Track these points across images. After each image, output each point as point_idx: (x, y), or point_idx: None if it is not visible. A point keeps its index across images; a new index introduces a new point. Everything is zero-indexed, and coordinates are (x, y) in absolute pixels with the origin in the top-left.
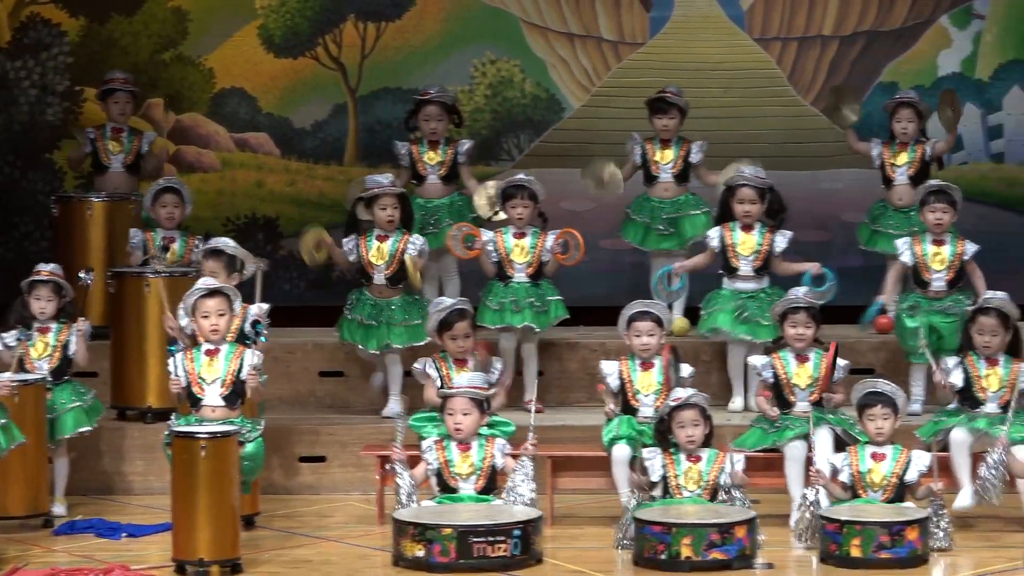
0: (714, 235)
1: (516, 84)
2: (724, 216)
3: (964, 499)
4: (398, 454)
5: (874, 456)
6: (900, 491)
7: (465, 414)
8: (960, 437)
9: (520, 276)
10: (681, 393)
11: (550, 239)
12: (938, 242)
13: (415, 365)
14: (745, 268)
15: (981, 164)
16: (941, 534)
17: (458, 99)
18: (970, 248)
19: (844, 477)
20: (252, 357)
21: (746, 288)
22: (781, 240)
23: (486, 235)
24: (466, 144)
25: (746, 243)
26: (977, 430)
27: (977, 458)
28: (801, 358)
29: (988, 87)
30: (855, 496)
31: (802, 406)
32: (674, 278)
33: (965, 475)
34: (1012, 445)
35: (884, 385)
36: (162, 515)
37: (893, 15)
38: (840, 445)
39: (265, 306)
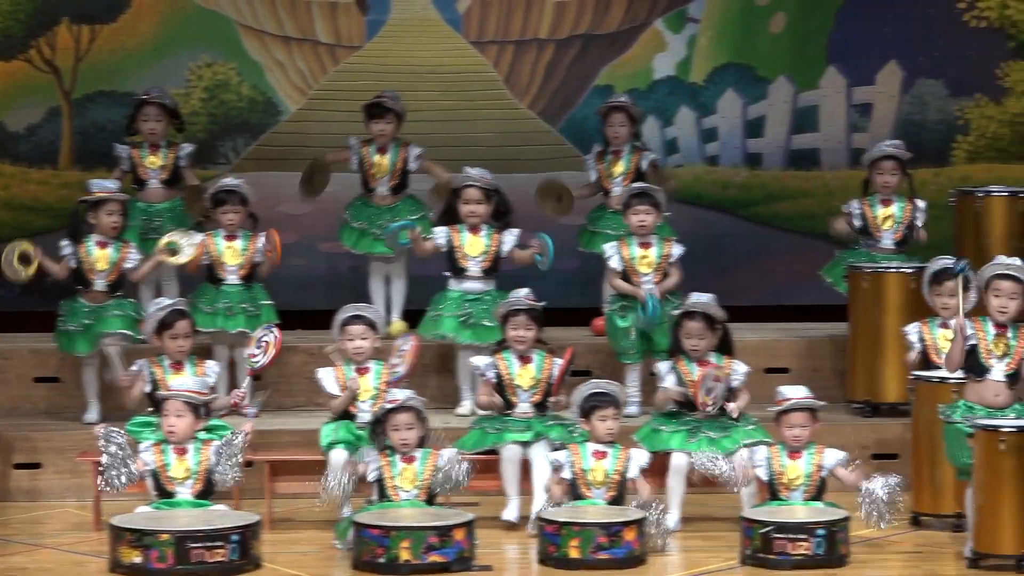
0: (440, 233)
1: (232, 87)
2: (450, 218)
3: (673, 521)
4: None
5: (596, 454)
6: (622, 489)
7: (179, 416)
8: (679, 463)
9: (232, 279)
10: (397, 395)
11: (261, 240)
12: (644, 244)
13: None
14: (473, 269)
15: (696, 166)
16: (659, 534)
17: (177, 103)
18: (676, 249)
19: (566, 475)
20: None
21: (473, 289)
22: (509, 238)
23: (195, 237)
24: (187, 148)
25: (474, 244)
26: (692, 452)
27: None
28: (524, 359)
29: (703, 90)
30: (577, 496)
31: (524, 407)
32: (405, 233)
33: (677, 502)
34: (742, 448)
35: (608, 385)
36: None
37: (609, 19)
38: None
39: None
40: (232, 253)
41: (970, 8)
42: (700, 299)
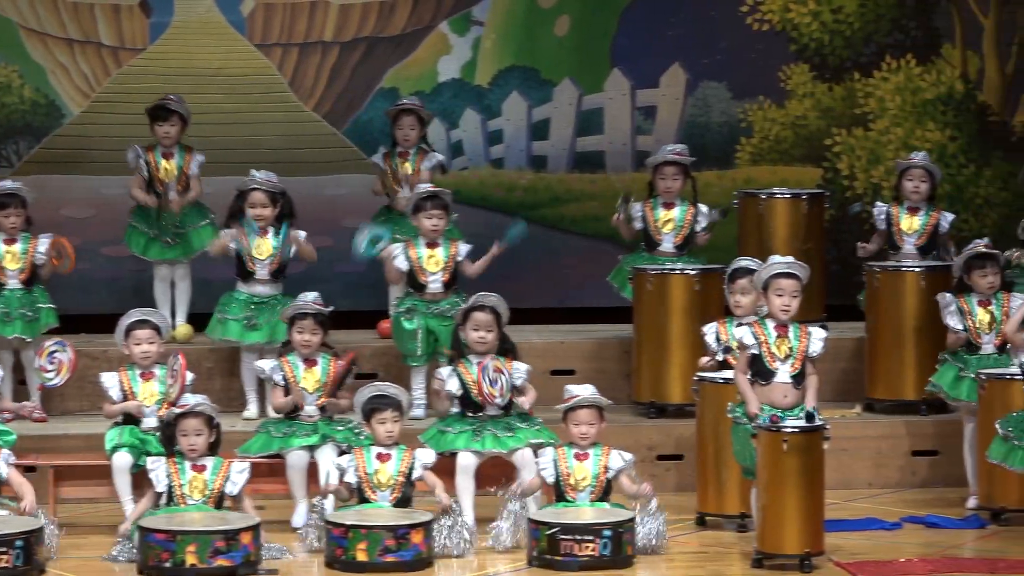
0: (228, 235)
1: (15, 90)
2: (235, 221)
3: (470, 519)
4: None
5: (380, 457)
6: (407, 491)
7: None
8: (466, 462)
9: (13, 283)
10: (188, 400)
11: (43, 244)
12: (432, 245)
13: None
14: (261, 272)
15: (481, 169)
16: (455, 537)
17: None
18: (463, 248)
19: (350, 478)
20: None
21: (261, 292)
22: (299, 235)
23: None
24: None
25: (261, 247)
26: (482, 453)
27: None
28: (309, 362)
29: (488, 93)
30: (363, 500)
31: (309, 410)
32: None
33: (469, 500)
34: (515, 451)
35: (390, 388)
36: None
37: (394, 21)
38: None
39: None
40: (12, 257)
41: (753, 11)
42: (488, 295)
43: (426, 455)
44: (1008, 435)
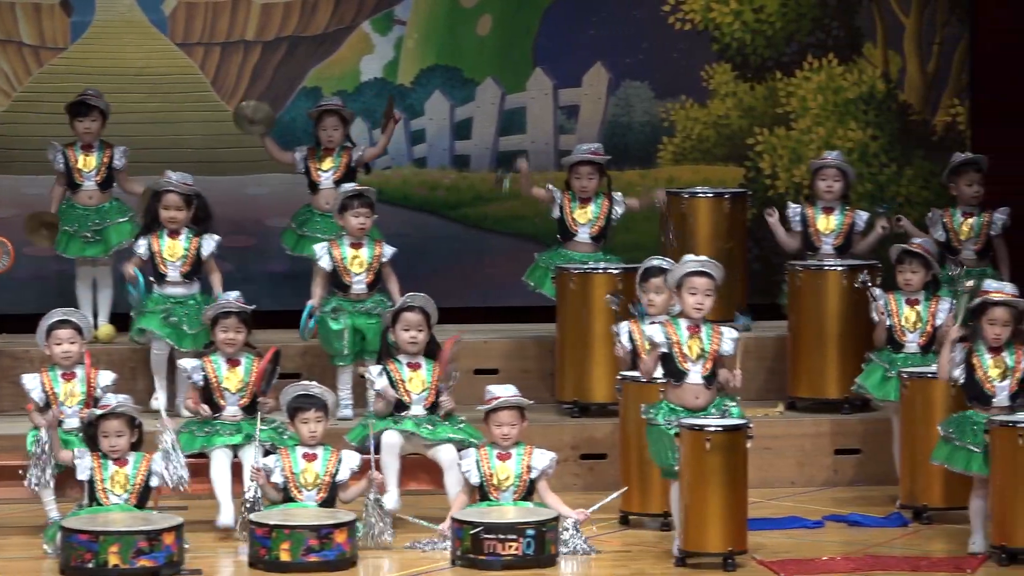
0: (142, 243)
1: None
2: (153, 223)
3: (391, 502)
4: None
5: (306, 457)
6: (333, 491)
7: None
8: (391, 439)
9: None
10: (110, 400)
11: None
12: (356, 245)
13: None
14: (173, 274)
15: (404, 168)
16: (376, 531)
17: None
18: (388, 250)
19: (276, 478)
20: None
21: (176, 294)
22: (209, 243)
23: None
24: None
25: (172, 249)
26: (405, 431)
27: (406, 461)
28: (232, 362)
29: (410, 92)
30: (288, 499)
31: (231, 410)
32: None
33: (393, 477)
34: (436, 444)
35: (315, 388)
36: None
37: (316, 20)
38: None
39: None
40: None
41: (675, 11)
42: (417, 296)
43: (352, 459)
44: (949, 436)
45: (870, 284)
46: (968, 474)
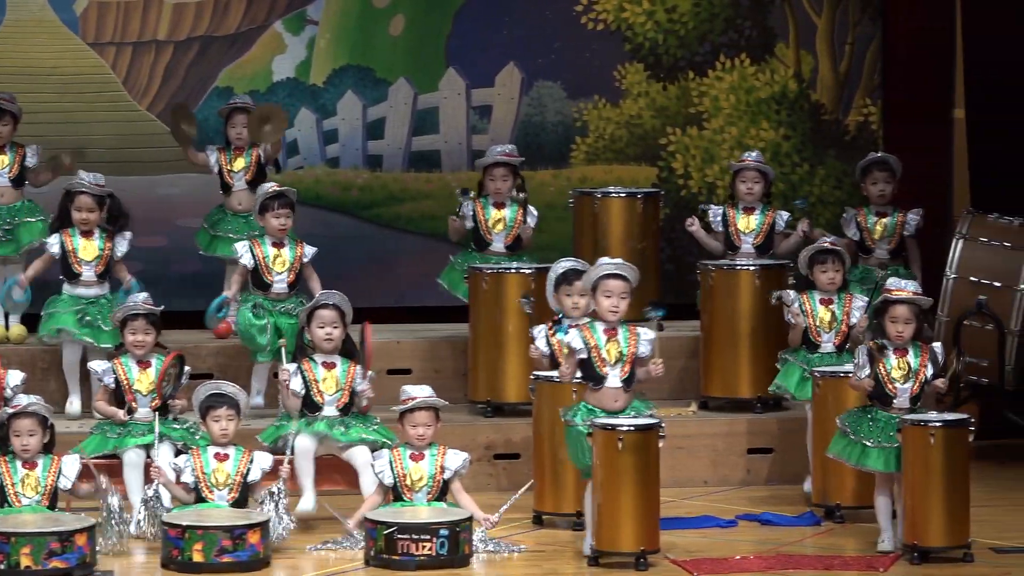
0: (54, 241)
1: None
2: (64, 222)
3: (307, 504)
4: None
5: (217, 456)
6: (245, 491)
7: None
8: (304, 443)
9: None
10: (21, 400)
11: None
12: (278, 244)
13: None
14: (88, 274)
15: (316, 168)
16: (283, 531)
17: None
18: (309, 251)
19: (187, 478)
20: None
21: (87, 294)
22: (122, 243)
23: None
24: None
25: (87, 248)
26: (318, 433)
27: (320, 462)
28: (143, 364)
29: (323, 92)
30: (200, 499)
31: (144, 411)
32: (17, 290)
33: (308, 480)
34: (350, 446)
35: (227, 387)
36: None
37: (228, 20)
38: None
39: None
40: None
41: (587, 11)
42: (332, 293)
43: (264, 460)
44: (846, 430)
45: (780, 296)
46: (862, 469)
